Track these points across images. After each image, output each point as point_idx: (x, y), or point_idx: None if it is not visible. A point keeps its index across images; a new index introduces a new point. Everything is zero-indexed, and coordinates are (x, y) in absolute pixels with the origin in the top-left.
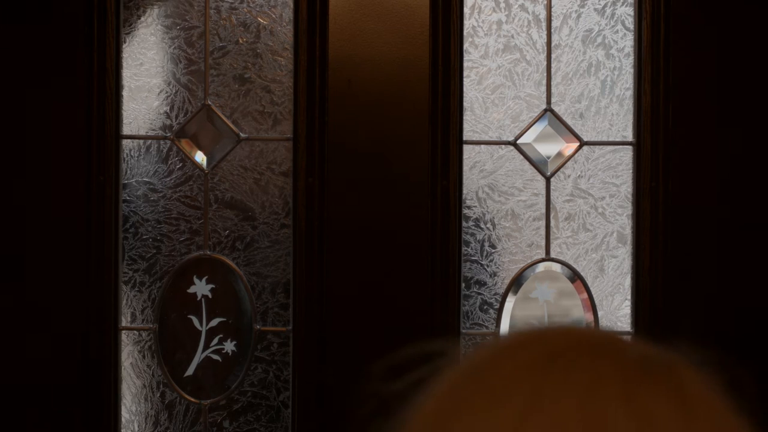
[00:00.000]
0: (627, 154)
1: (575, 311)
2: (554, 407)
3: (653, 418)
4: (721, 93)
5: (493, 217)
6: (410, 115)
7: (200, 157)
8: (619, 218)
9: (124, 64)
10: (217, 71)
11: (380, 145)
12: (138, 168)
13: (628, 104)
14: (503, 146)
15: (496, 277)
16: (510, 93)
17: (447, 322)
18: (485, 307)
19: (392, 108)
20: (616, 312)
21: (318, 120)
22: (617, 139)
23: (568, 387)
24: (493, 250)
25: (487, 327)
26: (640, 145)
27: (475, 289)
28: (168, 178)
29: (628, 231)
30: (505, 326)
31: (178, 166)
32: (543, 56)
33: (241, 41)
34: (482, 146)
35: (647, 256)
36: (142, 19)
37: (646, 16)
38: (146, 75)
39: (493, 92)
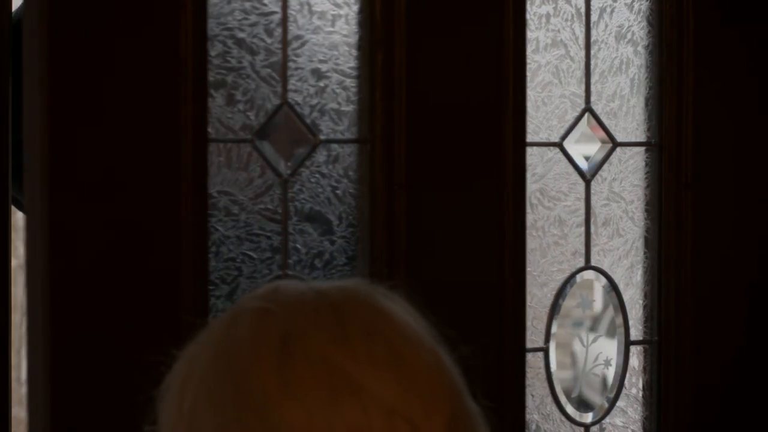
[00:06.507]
0: (653, 156)
1: (607, 316)
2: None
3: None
4: (747, 92)
5: (543, 225)
6: (476, 115)
7: (280, 162)
8: (645, 222)
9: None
10: (296, 64)
11: (454, 147)
12: (219, 176)
13: (653, 103)
14: (551, 148)
15: (545, 288)
16: (557, 91)
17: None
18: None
19: (459, 108)
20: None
21: (395, 121)
22: (643, 140)
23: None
24: (543, 259)
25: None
26: (665, 146)
27: None
28: (248, 187)
29: (653, 235)
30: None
31: (257, 173)
32: (583, 52)
33: (317, 33)
34: (534, 148)
35: (672, 260)
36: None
37: (668, 13)
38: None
39: (543, 90)
